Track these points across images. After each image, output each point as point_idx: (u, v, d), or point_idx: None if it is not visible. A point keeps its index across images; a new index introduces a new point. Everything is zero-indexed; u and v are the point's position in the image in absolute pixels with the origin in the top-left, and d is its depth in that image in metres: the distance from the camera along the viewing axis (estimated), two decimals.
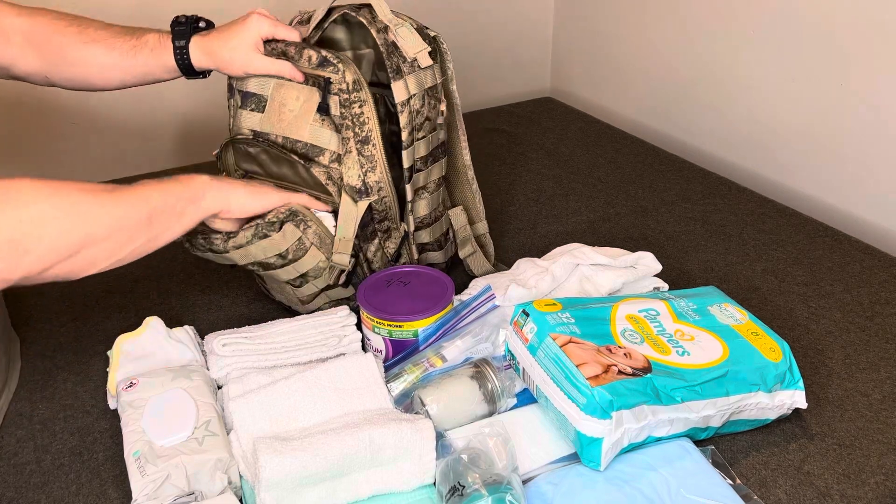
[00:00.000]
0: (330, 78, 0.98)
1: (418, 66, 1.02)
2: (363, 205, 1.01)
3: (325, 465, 0.78)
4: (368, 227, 1.04)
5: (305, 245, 1.00)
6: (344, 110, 0.98)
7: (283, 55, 1.02)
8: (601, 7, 1.81)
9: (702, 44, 1.56)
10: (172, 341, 0.99)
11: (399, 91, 1.00)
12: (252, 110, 1.03)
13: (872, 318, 1.08)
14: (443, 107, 1.06)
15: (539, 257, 1.11)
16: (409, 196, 1.05)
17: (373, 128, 0.99)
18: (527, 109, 1.85)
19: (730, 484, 0.81)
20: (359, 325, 1.01)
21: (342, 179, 1.00)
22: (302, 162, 1.00)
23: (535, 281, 1.03)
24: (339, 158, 1.00)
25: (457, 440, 0.85)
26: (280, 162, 1.03)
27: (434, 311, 0.97)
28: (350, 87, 0.97)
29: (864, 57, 1.26)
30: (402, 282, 1.03)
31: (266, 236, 0.98)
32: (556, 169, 1.55)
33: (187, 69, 1.03)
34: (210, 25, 1.05)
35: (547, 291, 1.04)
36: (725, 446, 0.88)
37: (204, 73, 1.06)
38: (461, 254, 1.17)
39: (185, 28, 1.02)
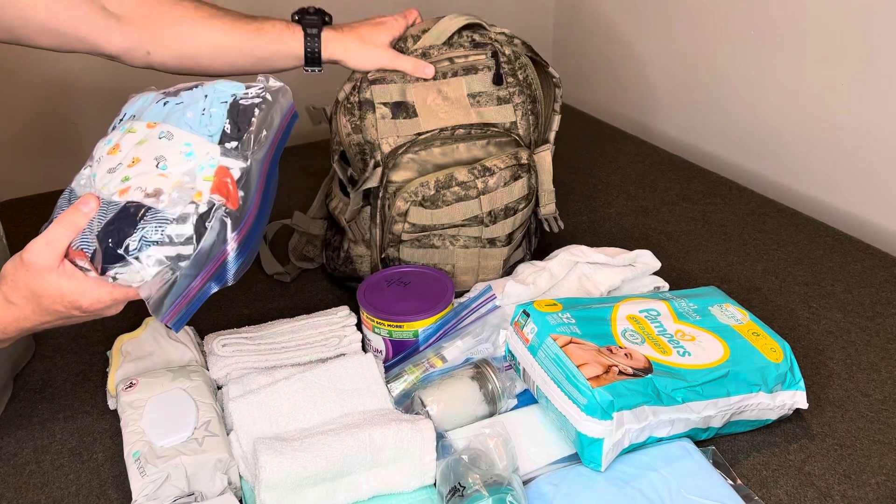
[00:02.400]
0: (497, 50, 1.06)
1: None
2: (548, 155, 1.12)
3: (326, 466, 0.77)
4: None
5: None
6: (511, 78, 1.06)
7: (424, 56, 1.05)
8: (601, 7, 1.81)
9: (702, 44, 1.56)
10: (172, 341, 0.99)
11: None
12: (405, 118, 1.03)
13: (873, 319, 1.08)
14: None
15: (539, 260, 1.11)
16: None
17: (537, 87, 1.11)
18: None
19: (730, 484, 0.81)
20: (359, 326, 1.01)
21: (526, 139, 1.08)
22: (498, 130, 1.05)
23: (534, 278, 1.03)
24: (514, 126, 1.07)
25: (457, 441, 0.84)
26: (471, 146, 1.05)
27: (434, 312, 0.97)
28: (513, 57, 1.07)
29: (864, 57, 1.26)
30: (402, 282, 1.03)
31: None
32: (556, 169, 1.54)
33: (314, 58, 1.04)
34: (330, 22, 1.07)
35: (546, 288, 1.04)
36: (726, 447, 0.88)
37: (320, 67, 1.06)
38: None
39: (317, 19, 1.04)
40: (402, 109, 1.03)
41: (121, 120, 0.83)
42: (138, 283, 0.74)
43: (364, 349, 1.00)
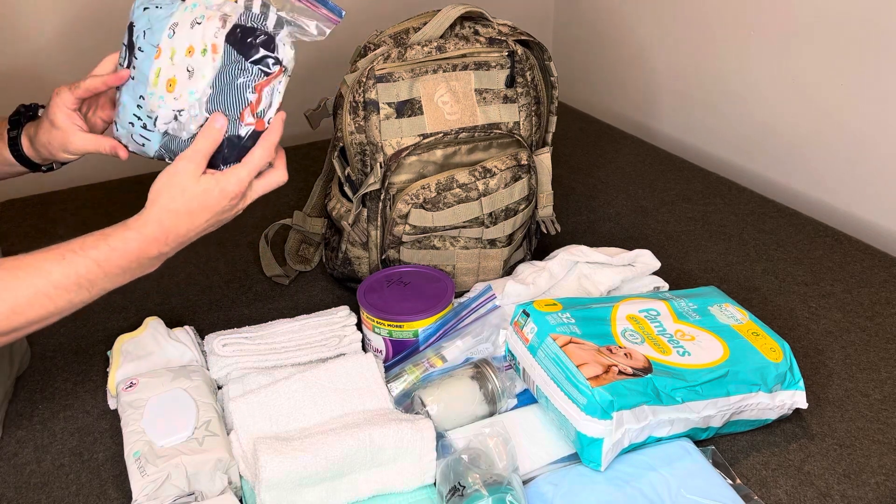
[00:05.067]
0: (515, 51, 1.06)
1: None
2: (548, 157, 1.12)
3: (326, 466, 0.78)
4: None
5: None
6: (520, 78, 1.06)
7: (439, 50, 1.03)
8: (601, 8, 1.81)
9: (702, 44, 1.56)
10: (172, 341, 0.99)
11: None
12: (410, 116, 1.03)
13: (873, 319, 1.08)
14: None
15: (539, 260, 1.11)
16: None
17: (542, 89, 1.12)
18: None
19: (730, 484, 0.81)
20: (359, 326, 1.01)
21: (528, 140, 1.08)
22: (501, 131, 1.05)
23: (533, 278, 1.03)
24: (517, 126, 1.07)
25: (457, 440, 0.85)
26: (474, 147, 1.05)
27: (434, 311, 0.97)
28: (524, 56, 1.07)
29: (864, 57, 1.26)
30: (402, 282, 1.03)
31: None
32: (556, 169, 1.54)
33: (25, 161, 0.96)
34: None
35: (545, 288, 1.04)
36: (726, 446, 0.88)
37: (50, 166, 0.98)
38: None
39: (19, 117, 0.96)
40: (407, 107, 1.03)
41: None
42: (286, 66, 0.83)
43: (364, 349, 1.00)
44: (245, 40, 0.81)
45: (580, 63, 1.92)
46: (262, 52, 0.81)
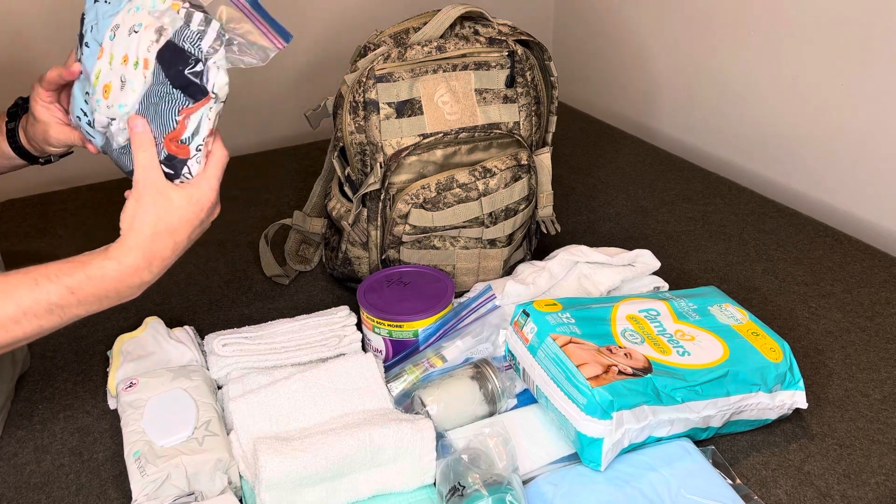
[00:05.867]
0: (515, 50, 1.06)
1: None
2: (548, 157, 1.12)
3: (326, 465, 0.78)
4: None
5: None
6: (520, 78, 1.06)
7: (439, 50, 1.04)
8: (601, 8, 1.81)
9: (702, 44, 1.56)
10: (172, 341, 0.99)
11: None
12: (410, 115, 1.03)
13: (873, 319, 1.08)
14: None
15: (539, 260, 1.11)
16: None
17: (542, 89, 1.12)
18: None
19: (730, 484, 0.81)
20: (359, 325, 1.01)
21: (528, 140, 1.08)
22: (502, 131, 1.05)
23: (533, 278, 1.03)
24: (517, 126, 1.07)
25: (457, 440, 0.85)
26: (474, 147, 1.05)
27: (434, 311, 0.97)
28: (523, 56, 1.07)
29: (864, 57, 1.26)
30: (401, 282, 1.03)
31: None
32: (556, 169, 1.54)
33: (24, 154, 0.97)
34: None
35: (545, 288, 1.04)
36: (726, 446, 0.88)
37: (48, 158, 0.98)
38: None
39: (17, 109, 0.97)
40: (407, 107, 1.03)
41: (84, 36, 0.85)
42: (223, 87, 0.78)
43: (364, 349, 1.00)
44: (174, 63, 0.76)
45: (580, 63, 1.92)
46: (190, 79, 0.75)
